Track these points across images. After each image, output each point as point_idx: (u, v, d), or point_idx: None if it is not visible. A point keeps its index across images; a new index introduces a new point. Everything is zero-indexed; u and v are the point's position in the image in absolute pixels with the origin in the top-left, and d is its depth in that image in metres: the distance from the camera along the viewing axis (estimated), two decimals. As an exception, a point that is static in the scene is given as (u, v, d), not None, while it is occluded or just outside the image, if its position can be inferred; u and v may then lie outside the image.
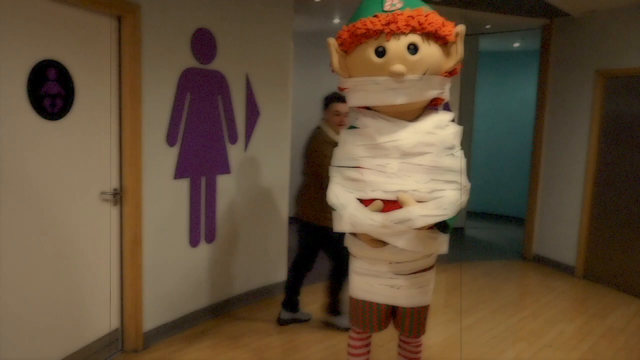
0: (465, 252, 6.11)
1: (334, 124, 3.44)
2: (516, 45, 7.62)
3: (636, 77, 4.69)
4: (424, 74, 2.07)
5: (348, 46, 2.16)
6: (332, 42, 2.22)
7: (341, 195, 2.17)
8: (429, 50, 2.07)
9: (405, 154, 2.10)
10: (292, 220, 3.84)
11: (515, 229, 7.35)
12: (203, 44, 3.50)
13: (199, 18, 3.46)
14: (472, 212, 8.01)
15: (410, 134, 2.11)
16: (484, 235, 7.18)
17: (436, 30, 2.05)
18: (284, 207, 4.41)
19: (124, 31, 2.98)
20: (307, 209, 3.50)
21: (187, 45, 3.39)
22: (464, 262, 5.62)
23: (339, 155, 2.27)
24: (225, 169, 3.78)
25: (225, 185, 3.80)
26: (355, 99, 2.22)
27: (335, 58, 2.22)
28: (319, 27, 6.35)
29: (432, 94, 2.14)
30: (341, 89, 2.30)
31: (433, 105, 2.31)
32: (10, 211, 2.42)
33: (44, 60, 2.53)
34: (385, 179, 2.10)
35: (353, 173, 2.17)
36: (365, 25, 2.05)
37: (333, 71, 2.27)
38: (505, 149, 8.22)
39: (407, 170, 2.09)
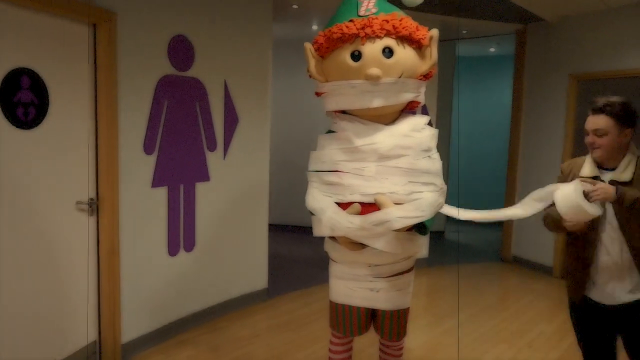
0: (445, 256, 6.15)
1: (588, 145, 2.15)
2: (492, 50, 7.74)
3: (607, 80, 4.79)
4: (400, 77, 2.10)
5: (324, 51, 2.18)
6: (309, 46, 2.24)
7: (320, 199, 2.17)
8: (404, 54, 2.09)
9: (383, 157, 2.11)
10: (272, 227, 3.79)
11: (493, 231, 7.41)
12: (180, 51, 3.48)
13: (176, 25, 3.44)
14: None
15: (387, 137, 2.13)
16: (464, 238, 7.24)
17: (410, 34, 2.08)
18: (263, 214, 4.38)
19: (99, 39, 2.94)
20: (569, 279, 2.27)
21: (164, 52, 3.37)
22: (445, 265, 5.65)
23: (317, 160, 2.28)
24: (204, 177, 3.76)
25: (204, 193, 3.77)
26: (332, 103, 2.24)
27: (312, 63, 2.23)
28: (297, 34, 6.36)
29: (408, 97, 2.16)
30: (318, 94, 2.31)
31: (410, 109, 2.33)
32: (-18, 222, 2.36)
33: (17, 68, 2.49)
34: (363, 182, 2.11)
35: (331, 177, 2.18)
36: (341, 29, 2.08)
37: (310, 76, 2.27)
38: (483, 152, 8.31)
39: (385, 173, 2.10)
